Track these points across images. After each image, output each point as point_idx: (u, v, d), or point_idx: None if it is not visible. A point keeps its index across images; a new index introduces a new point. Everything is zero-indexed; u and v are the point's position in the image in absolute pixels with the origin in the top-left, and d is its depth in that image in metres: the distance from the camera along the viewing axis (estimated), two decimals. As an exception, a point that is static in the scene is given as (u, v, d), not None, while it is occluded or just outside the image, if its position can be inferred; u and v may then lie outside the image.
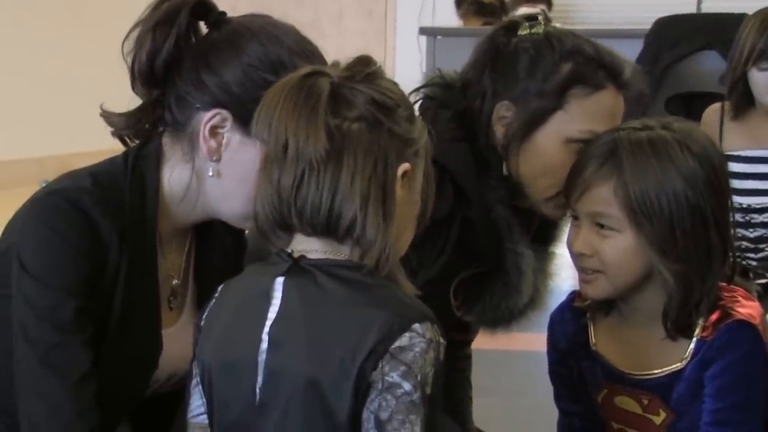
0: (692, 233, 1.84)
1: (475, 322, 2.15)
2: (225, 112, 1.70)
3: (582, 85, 2.03)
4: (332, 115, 1.50)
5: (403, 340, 1.45)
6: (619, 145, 1.87)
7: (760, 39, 3.12)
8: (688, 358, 1.89)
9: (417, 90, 2.14)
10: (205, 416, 1.60)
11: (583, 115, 2.03)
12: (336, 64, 1.59)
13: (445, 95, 2.13)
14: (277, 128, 1.52)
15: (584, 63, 2.04)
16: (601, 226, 1.87)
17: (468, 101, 2.10)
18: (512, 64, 2.06)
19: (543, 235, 2.21)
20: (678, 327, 1.88)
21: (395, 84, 1.58)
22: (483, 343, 2.39)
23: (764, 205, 3.23)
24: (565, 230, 2.17)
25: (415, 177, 1.57)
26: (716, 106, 3.28)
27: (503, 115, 2.06)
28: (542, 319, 2.10)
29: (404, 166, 1.54)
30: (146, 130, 1.79)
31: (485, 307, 2.09)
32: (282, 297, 1.52)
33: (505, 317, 2.13)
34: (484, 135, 2.07)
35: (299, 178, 1.50)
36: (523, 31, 2.09)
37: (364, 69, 1.56)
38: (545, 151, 2.04)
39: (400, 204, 1.53)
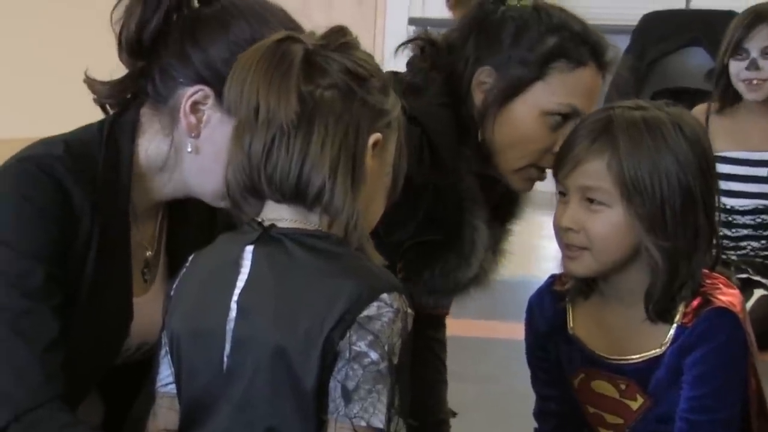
0: (681, 212, 1.85)
1: (415, 288, 2.12)
2: (207, 89, 1.69)
3: (565, 59, 2.06)
4: (305, 81, 1.50)
5: (371, 309, 1.45)
6: (614, 122, 1.88)
7: (737, 31, 3.21)
8: (668, 344, 1.88)
9: (405, 44, 2.17)
10: (173, 386, 1.59)
11: (562, 89, 2.05)
12: (311, 33, 1.59)
13: (437, 57, 2.14)
14: (249, 92, 1.52)
15: (570, 38, 2.07)
16: (591, 201, 1.87)
17: (452, 64, 2.11)
18: (498, 30, 2.09)
19: (502, 212, 2.22)
20: (660, 310, 1.88)
21: (370, 55, 1.58)
22: (460, 330, 2.39)
23: (746, 208, 3.25)
24: (525, 208, 2.20)
25: (386, 148, 1.57)
26: (702, 107, 3.32)
27: (484, 80, 2.08)
28: (521, 307, 2.08)
29: (375, 136, 1.53)
30: (128, 100, 1.78)
31: (433, 274, 2.10)
32: (251, 265, 1.52)
33: (449, 288, 2.13)
34: (464, 100, 2.08)
35: (270, 142, 1.50)
36: (512, 1, 2.10)
37: (339, 39, 1.56)
38: (520, 121, 2.06)
39: (370, 174, 1.53)
